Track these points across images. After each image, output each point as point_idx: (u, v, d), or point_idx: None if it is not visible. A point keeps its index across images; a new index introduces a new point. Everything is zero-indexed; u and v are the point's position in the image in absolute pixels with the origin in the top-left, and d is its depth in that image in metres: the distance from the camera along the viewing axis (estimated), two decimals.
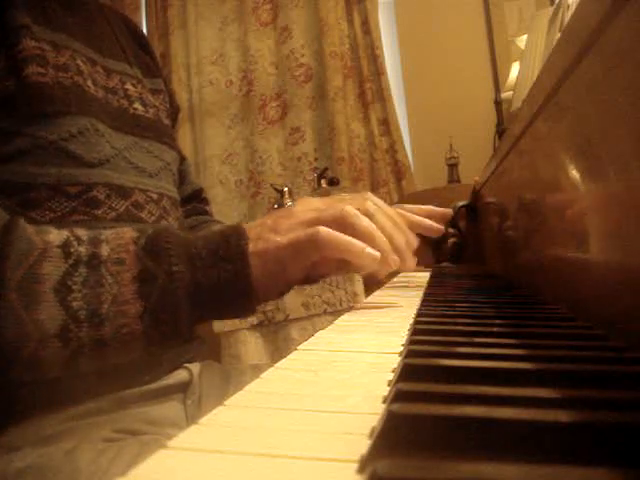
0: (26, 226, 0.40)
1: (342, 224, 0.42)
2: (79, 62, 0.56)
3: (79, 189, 0.51)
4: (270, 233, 0.42)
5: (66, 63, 0.54)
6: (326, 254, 0.41)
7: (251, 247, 0.41)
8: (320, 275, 0.47)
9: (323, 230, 0.41)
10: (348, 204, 0.45)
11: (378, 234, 0.44)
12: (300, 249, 0.41)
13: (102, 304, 0.38)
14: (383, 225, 0.46)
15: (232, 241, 0.42)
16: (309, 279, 0.55)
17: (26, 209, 0.48)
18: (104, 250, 0.40)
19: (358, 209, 0.45)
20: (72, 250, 0.39)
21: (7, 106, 0.49)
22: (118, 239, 0.41)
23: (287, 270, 0.42)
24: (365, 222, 0.43)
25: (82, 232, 0.42)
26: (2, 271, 0.36)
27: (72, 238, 0.40)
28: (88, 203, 0.51)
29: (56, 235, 0.40)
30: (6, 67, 0.49)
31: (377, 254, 0.42)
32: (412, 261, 0.47)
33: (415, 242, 0.50)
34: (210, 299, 0.41)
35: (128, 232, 0.42)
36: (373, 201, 0.47)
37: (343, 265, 0.44)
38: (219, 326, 1.55)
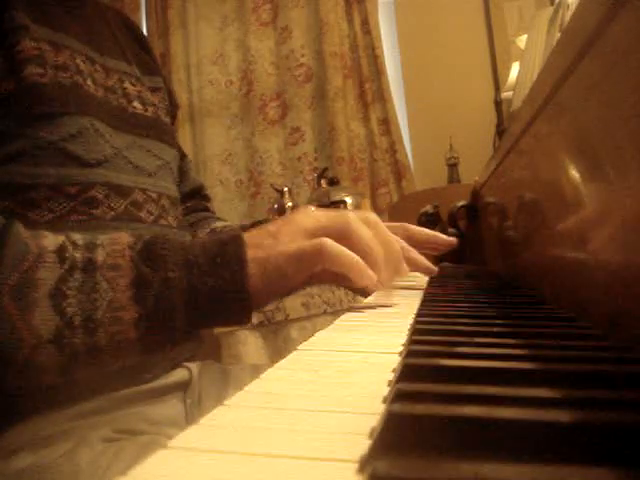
0: (21, 230, 0.39)
1: (346, 232, 0.42)
2: (78, 61, 0.56)
3: (78, 189, 0.51)
4: (272, 241, 0.42)
5: (65, 62, 0.54)
6: (329, 267, 0.41)
7: (250, 254, 0.41)
8: (317, 282, 0.47)
9: (329, 242, 0.40)
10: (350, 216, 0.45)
11: (377, 248, 0.43)
12: (303, 259, 0.41)
13: (97, 310, 0.38)
14: (383, 236, 0.45)
15: (230, 248, 0.41)
16: (306, 284, 0.55)
17: (25, 209, 0.48)
18: (100, 255, 0.40)
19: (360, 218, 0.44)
20: (67, 255, 0.39)
21: (6, 107, 0.49)
22: (114, 244, 0.41)
23: (287, 279, 0.42)
24: (368, 234, 0.43)
25: (78, 237, 0.41)
26: None
27: (67, 243, 0.40)
28: (87, 203, 0.51)
29: (51, 240, 0.40)
30: (5, 68, 0.49)
31: (375, 276, 0.41)
32: (405, 270, 0.47)
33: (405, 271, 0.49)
34: (206, 306, 0.40)
35: (124, 237, 0.41)
36: (375, 217, 0.47)
37: (341, 279, 0.44)
38: None
